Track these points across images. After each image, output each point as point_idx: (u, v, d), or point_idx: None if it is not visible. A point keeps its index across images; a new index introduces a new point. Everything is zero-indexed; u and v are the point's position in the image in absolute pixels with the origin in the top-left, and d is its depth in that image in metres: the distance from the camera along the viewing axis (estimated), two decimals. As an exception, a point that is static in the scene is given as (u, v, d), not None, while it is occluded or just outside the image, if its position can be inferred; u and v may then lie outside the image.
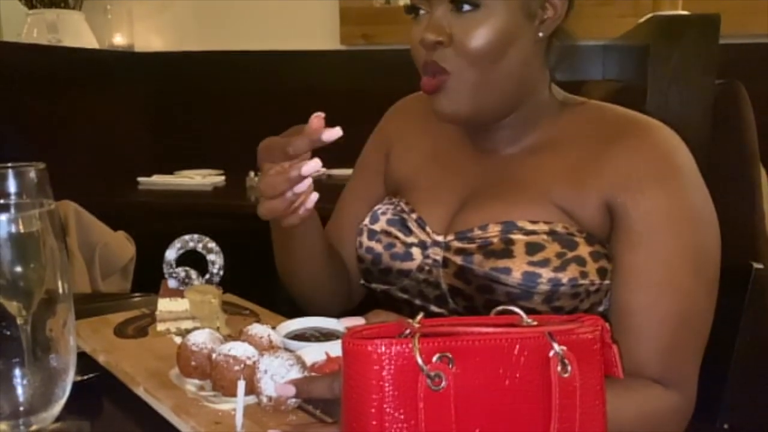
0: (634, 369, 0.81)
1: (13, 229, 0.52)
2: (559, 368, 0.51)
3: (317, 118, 0.80)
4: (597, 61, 2.26)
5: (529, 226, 0.87)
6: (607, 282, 0.86)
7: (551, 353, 0.51)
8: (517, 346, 0.51)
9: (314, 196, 0.84)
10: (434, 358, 0.49)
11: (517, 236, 0.86)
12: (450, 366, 0.49)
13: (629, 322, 0.83)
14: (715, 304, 0.85)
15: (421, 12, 0.89)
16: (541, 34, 0.89)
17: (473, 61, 0.86)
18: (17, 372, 0.50)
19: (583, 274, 0.84)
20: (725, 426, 0.96)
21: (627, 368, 0.56)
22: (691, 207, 0.84)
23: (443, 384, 0.49)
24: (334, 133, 0.79)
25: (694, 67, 1.33)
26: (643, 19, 1.59)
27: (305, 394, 0.69)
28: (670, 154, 0.86)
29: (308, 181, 0.81)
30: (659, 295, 0.82)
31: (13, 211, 0.56)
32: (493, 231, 0.88)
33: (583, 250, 0.85)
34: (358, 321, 0.78)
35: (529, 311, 0.55)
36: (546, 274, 0.84)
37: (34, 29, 2.83)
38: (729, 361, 0.96)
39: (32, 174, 0.73)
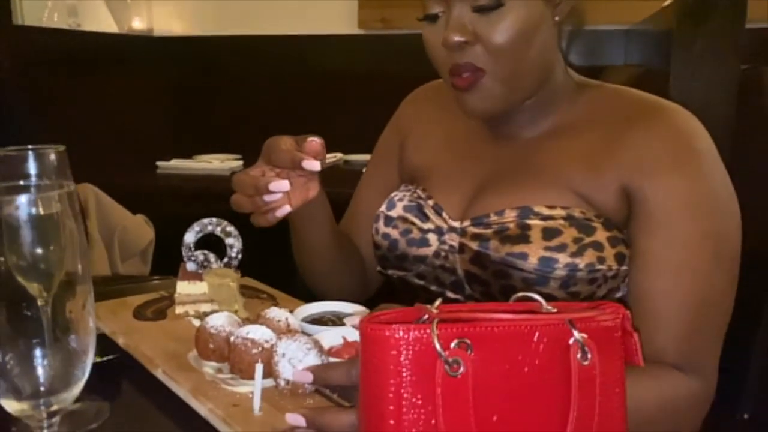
0: (653, 355, 0.80)
1: (33, 211, 0.52)
2: (579, 356, 0.50)
3: (315, 143, 0.83)
4: (618, 45, 2.23)
5: (546, 211, 0.86)
6: (624, 268, 0.85)
7: (571, 341, 0.50)
8: (537, 333, 0.50)
9: (285, 209, 0.84)
10: (452, 344, 0.49)
11: (533, 221, 0.86)
12: (468, 352, 0.49)
13: (648, 308, 0.82)
14: (735, 289, 0.84)
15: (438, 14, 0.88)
16: (557, 18, 0.89)
17: (505, 56, 0.85)
18: (38, 353, 0.50)
19: (601, 260, 0.83)
20: (745, 416, 0.95)
21: (646, 354, 0.55)
22: (709, 191, 0.83)
23: (461, 370, 0.49)
24: (313, 165, 0.81)
25: (719, 52, 1.31)
26: (666, 3, 1.57)
27: (322, 381, 0.69)
28: (688, 137, 0.84)
29: (277, 195, 0.82)
30: (678, 281, 0.81)
31: (33, 192, 0.56)
32: (510, 216, 0.88)
33: (601, 235, 0.84)
34: None
35: (546, 297, 0.54)
36: (563, 259, 0.83)
37: (55, 14, 2.84)
38: (750, 350, 0.94)
39: (52, 156, 0.73)
